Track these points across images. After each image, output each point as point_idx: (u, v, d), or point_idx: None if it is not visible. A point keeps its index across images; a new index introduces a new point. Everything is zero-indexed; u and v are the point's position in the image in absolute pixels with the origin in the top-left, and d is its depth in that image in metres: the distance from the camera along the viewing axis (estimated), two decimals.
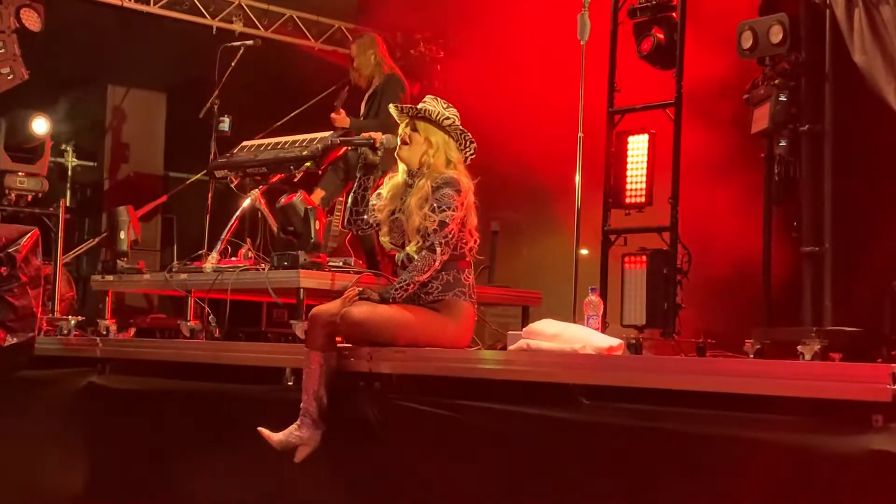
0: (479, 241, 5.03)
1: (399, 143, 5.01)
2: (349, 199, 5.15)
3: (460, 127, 5.03)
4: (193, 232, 10.00)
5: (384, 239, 5.11)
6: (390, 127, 5.32)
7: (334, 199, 7.58)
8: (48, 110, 8.79)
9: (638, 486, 3.87)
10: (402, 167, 5.08)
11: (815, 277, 5.27)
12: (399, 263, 5.02)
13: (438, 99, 5.09)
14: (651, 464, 3.85)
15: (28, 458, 6.40)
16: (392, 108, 5.10)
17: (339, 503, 4.84)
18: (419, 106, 5.02)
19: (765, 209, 5.73)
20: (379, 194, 5.13)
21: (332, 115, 7.49)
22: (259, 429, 4.76)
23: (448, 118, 4.99)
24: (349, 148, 6.21)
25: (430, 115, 4.97)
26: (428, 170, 4.95)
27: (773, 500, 3.50)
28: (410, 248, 4.90)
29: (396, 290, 4.80)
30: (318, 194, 7.46)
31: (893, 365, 3.34)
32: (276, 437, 4.74)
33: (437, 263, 4.81)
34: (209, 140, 7.60)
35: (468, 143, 5.06)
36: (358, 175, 5.14)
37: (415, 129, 4.98)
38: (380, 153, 5.06)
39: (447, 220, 4.82)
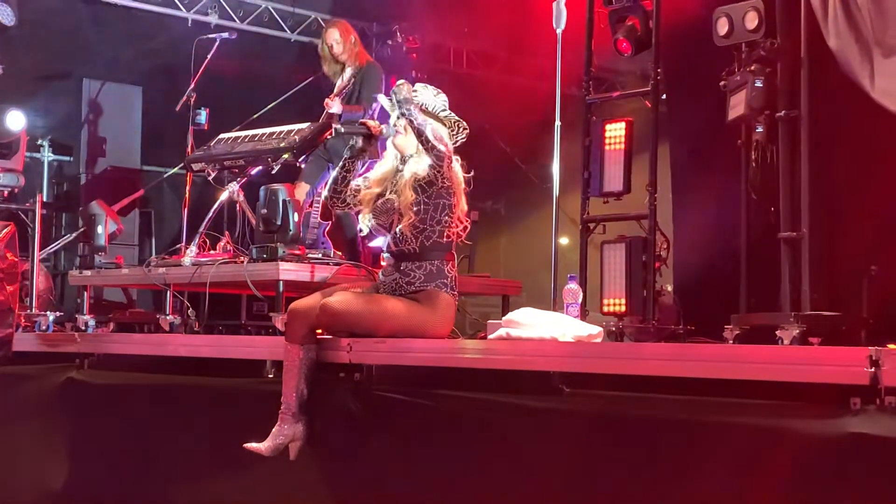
0: (468, 227, 5.03)
1: (394, 131, 4.99)
2: (330, 176, 5.11)
3: (453, 114, 5.03)
4: (171, 226, 10.00)
5: (364, 222, 5.06)
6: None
7: (318, 189, 7.54)
8: (23, 105, 8.75)
9: (619, 472, 3.88)
10: (391, 153, 5.07)
11: (793, 262, 5.28)
12: (385, 248, 5.00)
13: (428, 86, 5.08)
14: (632, 450, 3.86)
15: (6, 454, 6.37)
16: (383, 99, 5.06)
17: (320, 494, 4.83)
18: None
19: (743, 195, 5.74)
20: (366, 178, 5.11)
21: (326, 100, 7.41)
22: (245, 445, 4.73)
23: (444, 109, 5.00)
24: (332, 134, 6.12)
25: (427, 107, 4.96)
26: (417, 153, 4.95)
27: (752, 483, 3.51)
28: (404, 223, 4.86)
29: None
30: (303, 188, 7.42)
31: (871, 348, 3.35)
32: (264, 446, 4.70)
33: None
34: (186, 133, 7.57)
35: (461, 129, 5.05)
36: (345, 155, 5.09)
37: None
38: (374, 142, 5.02)
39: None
